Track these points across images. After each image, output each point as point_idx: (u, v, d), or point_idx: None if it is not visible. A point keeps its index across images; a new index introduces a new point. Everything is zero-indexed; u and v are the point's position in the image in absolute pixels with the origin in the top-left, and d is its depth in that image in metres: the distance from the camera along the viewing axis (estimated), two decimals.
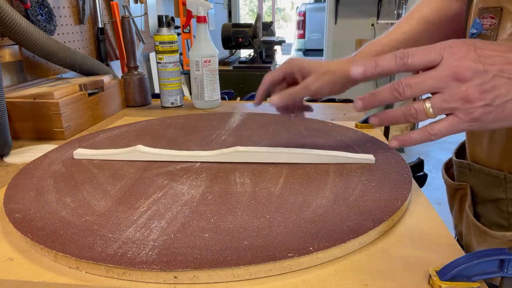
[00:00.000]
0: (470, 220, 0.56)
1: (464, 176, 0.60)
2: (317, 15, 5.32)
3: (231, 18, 4.16)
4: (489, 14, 0.49)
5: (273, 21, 3.21)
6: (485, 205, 0.57)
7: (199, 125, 0.81)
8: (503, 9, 0.47)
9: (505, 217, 0.54)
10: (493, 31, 0.49)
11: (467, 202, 0.58)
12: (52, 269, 0.38)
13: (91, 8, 1.21)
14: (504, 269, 0.33)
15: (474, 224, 0.55)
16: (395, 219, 0.45)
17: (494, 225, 0.55)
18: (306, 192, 0.50)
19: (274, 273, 0.37)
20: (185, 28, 1.45)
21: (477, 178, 0.57)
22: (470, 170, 0.58)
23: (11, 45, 0.88)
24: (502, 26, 0.48)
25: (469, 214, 0.57)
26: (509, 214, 0.53)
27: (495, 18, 0.48)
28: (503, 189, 0.53)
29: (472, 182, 0.58)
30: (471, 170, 0.58)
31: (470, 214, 0.56)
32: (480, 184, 0.57)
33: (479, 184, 0.57)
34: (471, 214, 0.56)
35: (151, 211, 0.45)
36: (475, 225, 0.55)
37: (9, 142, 0.67)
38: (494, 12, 0.48)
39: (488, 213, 0.56)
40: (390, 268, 0.37)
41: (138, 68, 1.04)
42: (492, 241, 0.53)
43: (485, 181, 0.56)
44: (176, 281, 0.36)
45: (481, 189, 0.57)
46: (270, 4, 10.05)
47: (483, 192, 0.56)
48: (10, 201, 0.48)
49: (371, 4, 3.71)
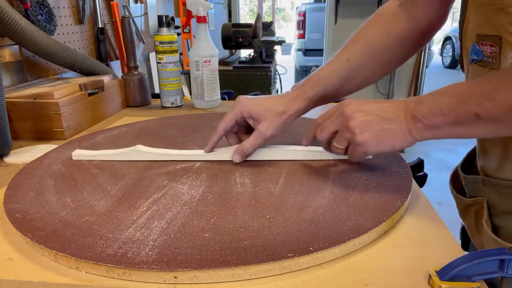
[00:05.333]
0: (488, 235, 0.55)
1: (478, 191, 0.59)
2: (317, 15, 5.32)
3: (231, 18, 4.16)
4: (488, 42, 0.50)
5: (273, 21, 3.21)
6: (504, 217, 0.55)
7: (199, 125, 0.81)
8: (502, 38, 0.48)
9: None
10: (495, 59, 0.50)
11: (484, 218, 0.56)
12: (52, 269, 0.38)
13: (91, 8, 1.21)
14: (504, 269, 0.33)
15: (493, 239, 0.54)
16: (395, 219, 0.45)
17: None
18: (306, 192, 0.50)
19: (274, 273, 0.37)
20: (185, 28, 1.45)
21: (494, 190, 0.56)
22: (484, 184, 0.57)
23: (11, 45, 0.88)
24: (504, 55, 0.49)
25: (486, 228, 0.55)
26: None
27: (495, 46, 0.49)
28: None
29: (488, 196, 0.57)
30: (485, 184, 0.57)
31: (487, 229, 0.55)
32: (497, 197, 0.56)
33: (496, 196, 0.56)
34: (488, 228, 0.55)
35: (151, 211, 0.45)
36: (493, 239, 0.54)
37: (9, 142, 0.67)
38: (493, 40, 0.49)
39: (508, 225, 0.55)
40: (390, 268, 0.37)
41: (138, 68, 1.04)
42: None
43: (503, 193, 0.55)
44: (176, 281, 0.36)
45: (499, 202, 0.56)
46: (270, 4, 10.06)
47: (502, 204, 0.55)
48: (10, 201, 0.48)
49: (371, 4, 3.71)
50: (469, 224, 0.62)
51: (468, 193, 0.61)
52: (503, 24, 0.47)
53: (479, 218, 0.58)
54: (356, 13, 3.83)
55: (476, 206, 0.59)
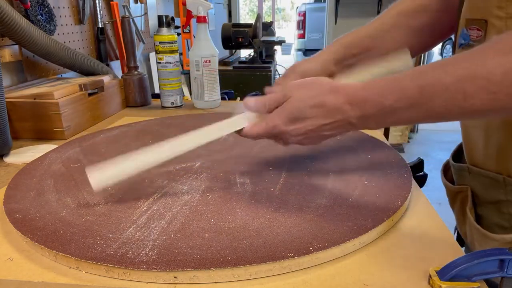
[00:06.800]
0: (471, 222, 0.56)
1: (464, 179, 0.60)
2: (317, 15, 5.32)
3: (231, 18, 4.16)
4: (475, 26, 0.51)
5: (273, 21, 3.21)
6: (486, 206, 0.57)
7: (199, 125, 0.81)
8: (488, 21, 0.49)
9: (506, 218, 0.54)
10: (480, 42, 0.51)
11: (468, 205, 0.58)
12: (52, 269, 0.38)
13: (91, 8, 1.21)
14: (504, 269, 0.33)
15: (475, 227, 0.55)
16: (395, 219, 0.45)
17: (496, 226, 0.55)
18: (306, 192, 0.50)
19: (274, 273, 0.37)
20: (185, 28, 1.45)
21: (477, 180, 0.57)
22: (469, 173, 0.58)
23: (11, 45, 0.88)
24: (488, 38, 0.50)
25: (470, 216, 0.57)
26: (510, 215, 0.53)
27: (481, 30, 0.50)
28: (503, 191, 0.53)
29: (473, 185, 0.58)
30: (470, 172, 0.58)
31: (471, 217, 0.57)
32: (480, 187, 0.57)
33: (479, 186, 0.57)
34: (471, 216, 0.57)
35: (151, 211, 0.45)
36: (475, 228, 0.55)
37: (9, 142, 0.67)
38: (480, 24, 0.50)
39: (490, 215, 0.56)
40: (390, 268, 0.37)
41: (138, 68, 1.04)
42: (492, 243, 0.53)
43: (485, 184, 0.56)
44: (176, 281, 0.36)
45: (481, 191, 0.57)
46: (270, 4, 10.05)
47: (484, 194, 0.56)
48: (10, 201, 0.48)
49: (371, 4, 3.71)
50: (456, 212, 0.63)
51: (456, 181, 0.63)
52: (489, 7, 0.48)
53: (464, 206, 0.59)
54: (356, 13, 3.83)
55: (462, 194, 0.60)
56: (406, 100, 0.39)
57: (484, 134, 0.54)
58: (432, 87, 0.37)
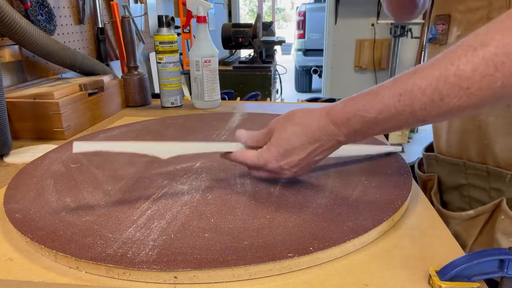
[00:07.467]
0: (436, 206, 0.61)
1: (432, 167, 0.65)
2: (317, 15, 5.31)
3: (231, 18, 4.16)
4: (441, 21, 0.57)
5: (273, 21, 3.21)
6: (450, 192, 0.62)
7: (199, 125, 0.81)
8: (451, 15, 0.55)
9: (466, 201, 0.59)
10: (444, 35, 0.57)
11: (433, 190, 0.63)
12: (52, 269, 0.38)
13: (91, 8, 1.21)
14: (504, 269, 0.33)
15: (439, 210, 0.60)
16: (395, 219, 0.45)
17: (459, 210, 0.59)
18: (306, 192, 0.50)
19: (274, 273, 0.37)
20: (185, 28, 1.45)
21: (442, 167, 0.62)
22: (436, 161, 0.64)
23: (11, 45, 0.88)
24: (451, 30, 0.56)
25: (434, 200, 0.62)
26: (470, 198, 0.59)
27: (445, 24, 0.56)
28: (463, 175, 0.58)
29: (439, 172, 0.64)
30: (437, 161, 0.64)
31: (435, 200, 0.62)
32: (445, 173, 0.62)
33: (444, 172, 0.62)
34: (435, 200, 0.62)
35: (151, 211, 0.45)
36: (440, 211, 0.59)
37: (9, 142, 0.67)
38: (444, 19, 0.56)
39: (453, 200, 0.61)
40: (390, 268, 0.37)
41: (138, 68, 1.04)
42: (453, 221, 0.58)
43: (448, 169, 0.61)
44: (176, 281, 0.36)
45: (446, 177, 0.62)
46: (270, 4, 10.06)
47: (448, 180, 0.62)
48: (10, 201, 0.48)
49: (371, 4, 3.71)
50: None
51: (425, 170, 0.69)
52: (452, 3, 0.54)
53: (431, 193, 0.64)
54: (356, 13, 3.83)
55: (431, 182, 0.65)
56: (387, 110, 0.39)
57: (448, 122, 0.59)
58: (411, 92, 0.38)
